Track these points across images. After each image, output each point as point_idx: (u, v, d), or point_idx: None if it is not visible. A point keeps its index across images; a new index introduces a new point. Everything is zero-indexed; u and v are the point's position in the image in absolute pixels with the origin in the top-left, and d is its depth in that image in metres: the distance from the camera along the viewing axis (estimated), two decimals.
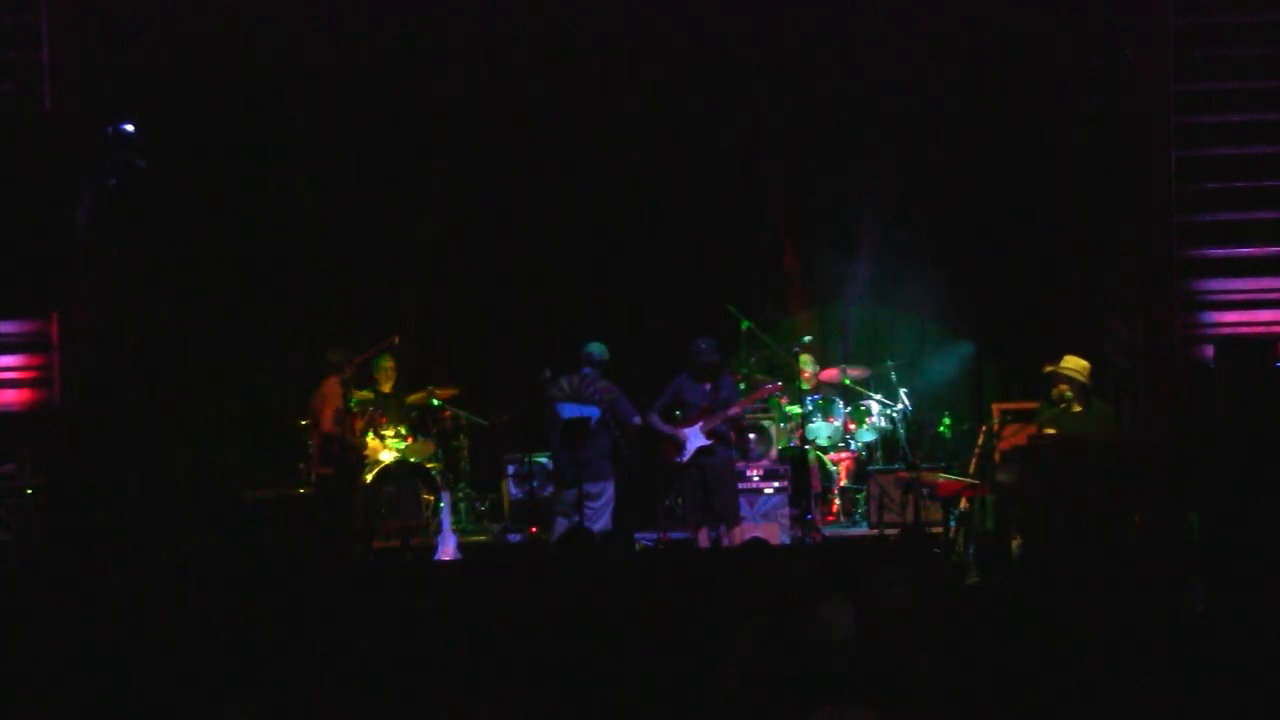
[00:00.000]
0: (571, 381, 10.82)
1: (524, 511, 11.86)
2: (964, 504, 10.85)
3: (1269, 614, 5.81)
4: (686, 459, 10.74)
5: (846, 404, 12.84)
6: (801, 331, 13.03)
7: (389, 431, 11.93)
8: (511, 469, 12.36)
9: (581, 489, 10.57)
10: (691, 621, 6.07)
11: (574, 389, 10.81)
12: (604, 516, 10.74)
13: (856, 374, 12.97)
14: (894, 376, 12.78)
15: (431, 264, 13.45)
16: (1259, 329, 11.21)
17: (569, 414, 10.76)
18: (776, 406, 12.60)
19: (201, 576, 9.70)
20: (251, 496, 11.53)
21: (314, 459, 10.75)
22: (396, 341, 12.36)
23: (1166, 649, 5.38)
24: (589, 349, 10.88)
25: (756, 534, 10.57)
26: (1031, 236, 12.91)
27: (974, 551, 9.98)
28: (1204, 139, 11.53)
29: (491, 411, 12.67)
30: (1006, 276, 13.15)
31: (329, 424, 10.49)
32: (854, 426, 12.75)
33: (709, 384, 10.79)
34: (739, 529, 10.87)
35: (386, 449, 11.88)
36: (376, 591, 7.58)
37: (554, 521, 10.82)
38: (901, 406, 12.60)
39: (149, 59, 11.93)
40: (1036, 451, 9.58)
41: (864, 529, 12.11)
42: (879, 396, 12.83)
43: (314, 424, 10.70)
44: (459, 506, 12.36)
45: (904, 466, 11.86)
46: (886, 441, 12.77)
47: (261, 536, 11.28)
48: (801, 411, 12.35)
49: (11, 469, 10.47)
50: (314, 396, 10.74)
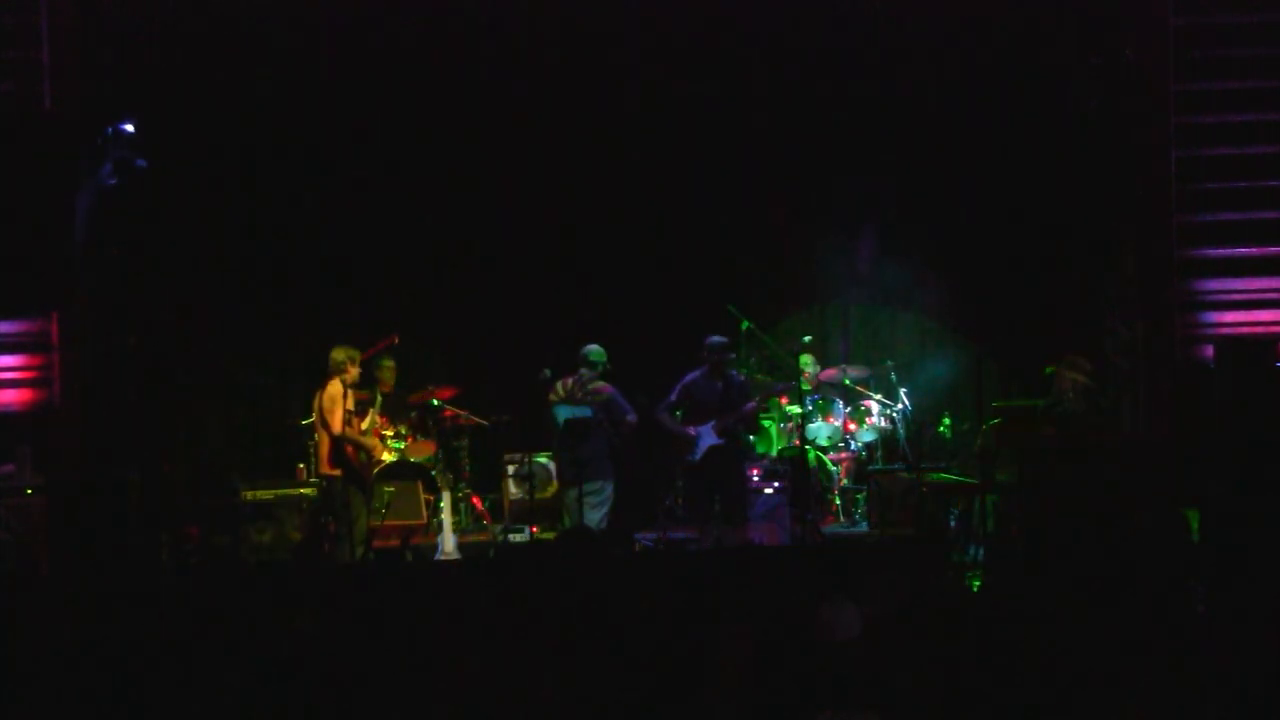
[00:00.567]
0: (566, 384, 10.90)
1: (524, 511, 11.87)
2: (964, 504, 10.85)
3: (1269, 614, 5.81)
4: (699, 457, 10.73)
5: (846, 404, 12.85)
6: (801, 331, 13.04)
7: (389, 431, 11.94)
8: (511, 469, 12.38)
9: (580, 488, 10.61)
10: (690, 622, 6.07)
11: (568, 391, 10.88)
12: (601, 514, 10.76)
13: (856, 374, 12.97)
14: (894, 376, 12.79)
15: (432, 264, 13.45)
16: (1259, 329, 11.21)
17: (564, 416, 10.82)
18: (776, 406, 12.60)
19: (201, 576, 9.72)
20: (251, 496, 11.56)
21: (323, 460, 10.73)
22: (397, 341, 12.39)
23: (1166, 649, 5.38)
24: (585, 351, 10.97)
25: (756, 534, 10.58)
26: (1032, 236, 12.91)
27: (975, 551, 9.98)
28: (1204, 139, 11.53)
29: (492, 411, 12.67)
30: (1007, 276, 13.16)
31: (340, 426, 10.48)
32: (854, 426, 12.75)
33: (720, 382, 10.80)
34: (743, 528, 10.86)
35: (387, 449, 11.89)
36: (376, 591, 7.59)
37: (562, 521, 10.90)
38: (901, 406, 12.60)
39: (149, 59, 11.92)
40: (1036, 451, 9.58)
41: (864, 529, 12.11)
42: (879, 396, 12.83)
43: (321, 426, 10.68)
44: (459, 506, 12.36)
45: (904, 467, 11.86)
46: (886, 441, 12.77)
47: (261, 536, 11.31)
48: (801, 411, 12.35)
49: (11, 469, 10.45)
50: (318, 398, 10.72)
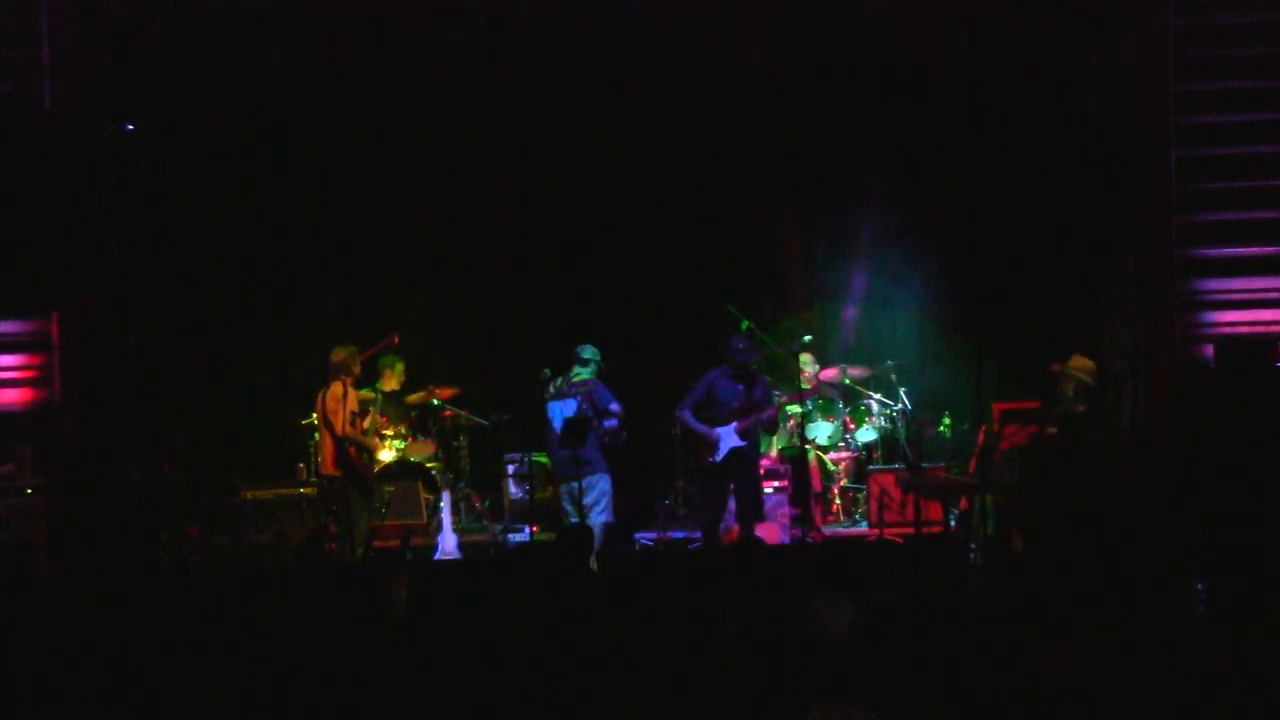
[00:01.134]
0: (556, 382, 10.95)
1: (524, 511, 11.87)
2: (964, 504, 10.86)
3: (1269, 614, 5.81)
4: (720, 459, 10.68)
5: (846, 403, 12.85)
6: (801, 331, 13.03)
7: (389, 431, 11.94)
8: (511, 468, 12.38)
9: (571, 485, 10.65)
10: (691, 619, 6.07)
11: (558, 389, 10.92)
12: (604, 509, 10.75)
13: (856, 373, 12.97)
14: (894, 376, 12.79)
15: (432, 264, 13.44)
16: (1259, 328, 11.21)
17: (554, 411, 10.85)
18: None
19: (201, 576, 9.72)
20: (251, 496, 11.55)
21: (326, 461, 10.73)
22: (397, 341, 12.39)
23: (1166, 649, 5.38)
24: (578, 349, 10.99)
25: (756, 534, 10.57)
26: (1032, 236, 12.91)
27: (975, 551, 9.98)
28: (1204, 139, 11.52)
29: (492, 411, 12.67)
30: (1007, 276, 13.15)
31: (344, 427, 10.48)
32: (854, 426, 12.75)
33: (743, 384, 10.78)
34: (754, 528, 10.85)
35: (386, 449, 11.89)
36: (375, 591, 7.59)
37: (565, 519, 10.88)
38: (901, 406, 12.60)
39: (149, 59, 11.92)
40: (1037, 451, 9.59)
41: (864, 528, 12.11)
42: (879, 396, 12.83)
43: (324, 426, 10.67)
44: (459, 506, 12.36)
45: (904, 466, 11.86)
46: (886, 441, 12.77)
47: (261, 536, 11.30)
48: (801, 411, 12.35)
49: (11, 469, 10.45)
50: (320, 398, 10.72)
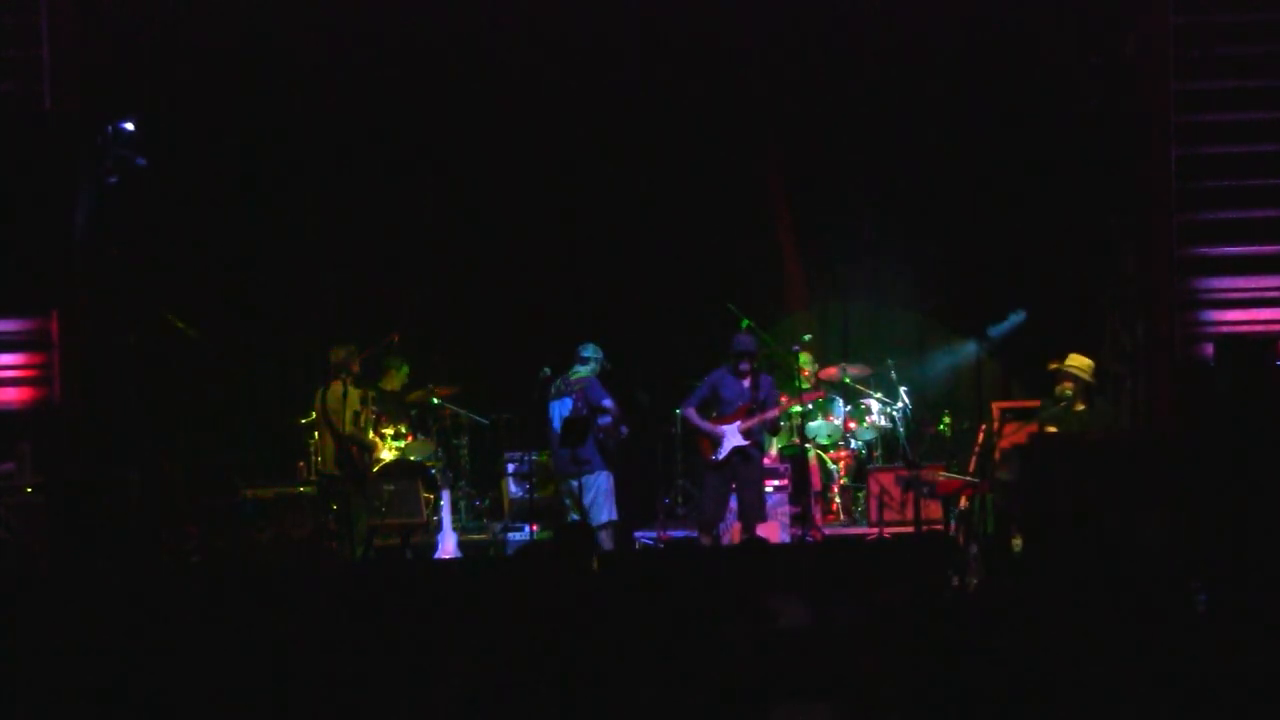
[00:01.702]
0: (556, 382, 10.96)
1: (523, 510, 11.87)
2: (964, 503, 10.86)
3: (1269, 614, 5.81)
4: (722, 457, 10.66)
5: (846, 402, 12.85)
6: (801, 330, 13.04)
7: (389, 430, 11.94)
8: (511, 467, 12.38)
9: (571, 484, 10.67)
10: (692, 619, 6.06)
11: (557, 388, 10.94)
12: (604, 507, 10.76)
13: (856, 372, 12.97)
14: (894, 375, 12.79)
15: (432, 263, 13.44)
16: (1259, 327, 11.20)
17: (554, 410, 10.86)
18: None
19: (201, 576, 9.71)
20: (251, 496, 11.55)
21: (327, 459, 10.73)
22: (397, 340, 12.39)
23: (1166, 649, 5.37)
24: (579, 348, 11.00)
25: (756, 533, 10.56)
26: (1032, 235, 12.92)
27: (975, 550, 9.97)
28: (1204, 137, 11.51)
29: (491, 410, 12.68)
30: (1007, 275, 13.16)
31: (349, 426, 10.48)
32: (854, 425, 12.75)
33: (747, 382, 10.77)
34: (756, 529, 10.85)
35: (386, 448, 11.89)
36: (376, 590, 7.58)
37: (567, 516, 10.91)
38: (901, 405, 12.60)
39: (149, 59, 11.92)
40: (1037, 450, 9.58)
41: (864, 527, 12.11)
42: (879, 395, 12.83)
43: (324, 426, 10.67)
44: (459, 505, 12.36)
45: (904, 465, 11.86)
46: (886, 440, 12.77)
47: (261, 536, 11.30)
48: (802, 410, 12.35)
49: (11, 468, 10.44)
50: (322, 397, 10.71)
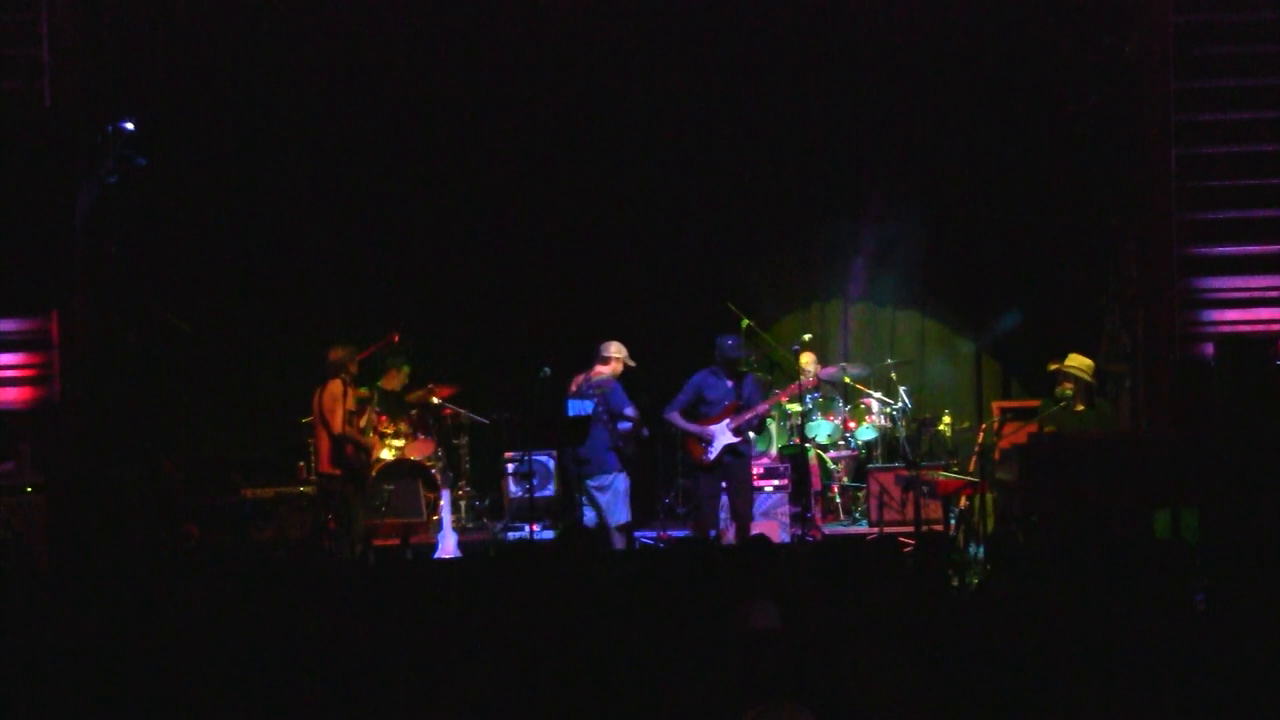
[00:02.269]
0: (578, 379, 10.92)
1: (523, 510, 11.87)
2: (964, 502, 10.87)
3: (1269, 614, 5.80)
4: (713, 457, 10.63)
5: (846, 402, 12.85)
6: (801, 330, 13.05)
7: (388, 430, 11.94)
8: (511, 467, 12.38)
9: (584, 484, 10.65)
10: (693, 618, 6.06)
11: (578, 386, 10.90)
12: (617, 509, 10.75)
13: (856, 372, 12.98)
14: (894, 375, 12.80)
15: (432, 262, 13.44)
16: (1259, 327, 11.20)
17: (573, 408, 10.84)
18: (777, 404, 12.59)
19: (201, 576, 9.70)
20: (251, 496, 11.56)
21: (322, 459, 10.73)
22: (397, 340, 12.40)
23: (1166, 649, 5.37)
24: (600, 347, 10.95)
25: (756, 532, 10.55)
26: (1031, 235, 12.93)
27: (975, 550, 9.98)
28: (1204, 136, 11.51)
29: (491, 410, 12.68)
30: (1006, 275, 13.17)
31: (340, 426, 10.47)
32: (854, 424, 12.76)
33: (733, 381, 10.74)
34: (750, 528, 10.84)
35: (386, 448, 11.89)
36: (376, 590, 7.58)
37: (582, 516, 10.91)
38: (901, 404, 12.61)
39: (149, 58, 11.92)
40: (1037, 449, 9.58)
41: (864, 527, 12.12)
42: (879, 394, 12.83)
43: (321, 425, 10.67)
44: (459, 504, 12.36)
45: (904, 464, 11.87)
46: (886, 439, 12.78)
47: (261, 536, 11.30)
48: (801, 409, 12.35)
49: (11, 467, 10.45)
50: (319, 397, 10.71)
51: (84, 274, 11.12)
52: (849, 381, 12.94)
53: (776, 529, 11.32)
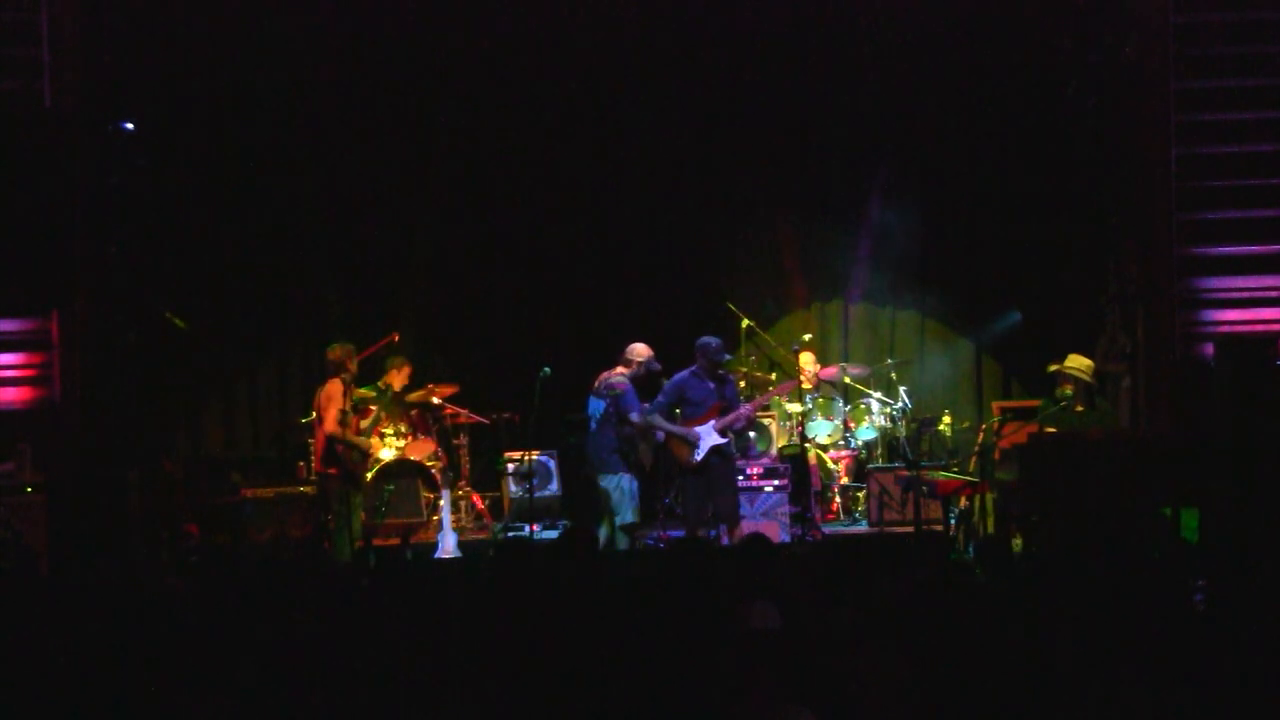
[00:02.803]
0: (601, 377, 10.94)
1: (523, 510, 11.87)
2: (964, 502, 10.87)
3: (1269, 614, 5.81)
4: (702, 458, 10.57)
5: (846, 402, 12.85)
6: (801, 330, 13.05)
7: (388, 430, 11.94)
8: (511, 467, 12.38)
9: (594, 484, 10.68)
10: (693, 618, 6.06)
11: (599, 385, 10.91)
12: (624, 509, 10.74)
13: (856, 372, 12.98)
14: (894, 374, 12.81)
15: (432, 262, 13.44)
16: (1259, 327, 11.20)
17: (591, 408, 10.85)
18: (777, 405, 12.61)
19: (199, 575, 9.70)
20: (251, 496, 11.56)
21: (317, 458, 10.75)
22: (396, 339, 12.40)
23: (1166, 649, 5.37)
24: (627, 348, 10.91)
25: (756, 532, 10.54)
26: (1031, 235, 12.93)
27: (974, 550, 9.98)
28: (1204, 137, 11.52)
29: (491, 410, 12.68)
30: (1006, 275, 13.18)
31: (332, 425, 10.47)
32: (854, 425, 12.76)
33: (713, 382, 10.69)
34: (739, 528, 10.83)
35: (386, 447, 11.89)
36: (376, 590, 7.57)
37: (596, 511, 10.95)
38: (901, 404, 12.61)
39: (149, 58, 11.92)
40: (1037, 449, 9.58)
41: (864, 527, 12.11)
42: (879, 395, 12.83)
43: (316, 423, 10.69)
44: (459, 504, 12.36)
45: (904, 465, 11.87)
46: (886, 440, 12.78)
47: (261, 536, 11.30)
48: (801, 409, 12.35)
49: (11, 467, 10.45)
50: (318, 396, 10.73)
51: (84, 274, 11.12)
52: (849, 381, 12.94)
53: (776, 529, 11.29)
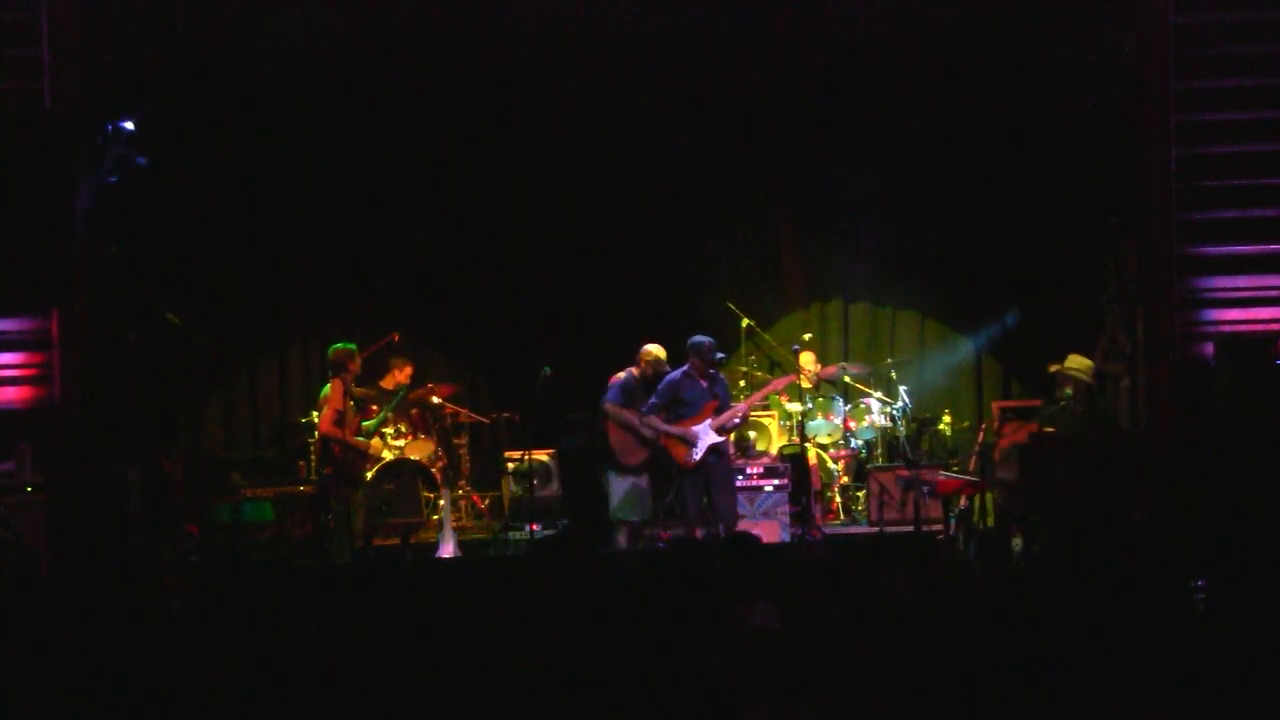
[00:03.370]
0: (618, 376, 10.97)
1: (523, 509, 11.88)
2: (964, 502, 10.87)
3: (1269, 614, 5.81)
4: (699, 457, 10.57)
5: (846, 402, 12.85)
6: (801, 330, 13.06)
7: (388, 430, 11.94)
8: (512, 466, 12.39)
9: (601, 481, 10.71)
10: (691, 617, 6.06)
11: (610, 384, 10.93)
12: (625, 508, 10.74)
13: (856, 371, 12.98)
14: (894, 374, 12.81)
15: (432, 262, 13.45)
16: (1259, 327, 11.20)
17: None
18: (777, 404, 12.61)
19: (199, 575, 9.71)
20: (251, 496, 11.55)
21: (315, 458, 10.77)
22: (396, 339, 12.40)
23: (1166, 649, 5.37)
24: (643, 349, 10.99)
25: (755, 532, 10.54)
26: (1031, 235, 12.93)
27: (974, 550, 9.98)
28: (1204, 137, 11.51)
29: (492, 409, 12.68)
30: (1006, 275, 13.18)
31: (325, 425, 10.48)
32: (854, 424, 12.75)
33: (705, 381, 10.69)
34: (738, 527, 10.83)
35: (386, 447, 11.89)
36: (376, 590, 7.58)
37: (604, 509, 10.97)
38: (901, 404, 12.61)
39: (149, 58, 11.92)
40: (1036, 449, 9.59)
41: (864, 526, 12.11)
42: (879, 394, 12.84)
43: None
44: (459, 504, 12.36)
45: (904, 464, 11.87)
46: (886, 439, 12.78)
47: (261, 536, 11.30)
48: (801, 409, 12.35)
49: (11, 467, 10.45)
50: (321, 396, 10.77)
51: (84, 274, 11.12)
52: (849, 381, 12.95)
53: (776, 529, 11.29)
